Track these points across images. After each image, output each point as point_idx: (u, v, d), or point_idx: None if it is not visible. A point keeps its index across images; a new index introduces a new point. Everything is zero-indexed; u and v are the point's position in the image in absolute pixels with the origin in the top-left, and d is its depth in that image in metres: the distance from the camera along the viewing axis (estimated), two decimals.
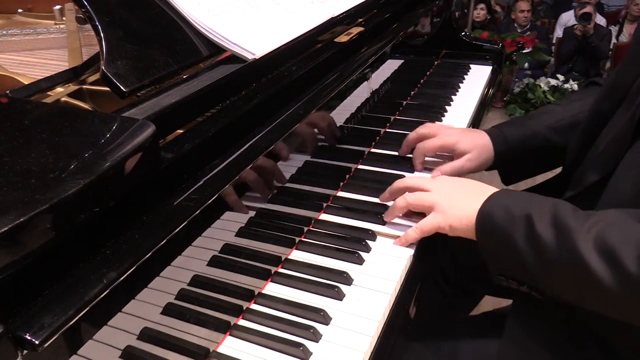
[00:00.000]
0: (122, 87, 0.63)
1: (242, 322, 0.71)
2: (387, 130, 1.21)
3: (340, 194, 0.97)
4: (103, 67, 0.63)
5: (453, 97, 1.39)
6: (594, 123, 0.87)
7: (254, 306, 0.73)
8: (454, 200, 0.80)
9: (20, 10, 1.22)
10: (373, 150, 1.12)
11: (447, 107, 1.33)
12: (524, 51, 4.39)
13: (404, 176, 1.01)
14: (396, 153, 1.09)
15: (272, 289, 0.76)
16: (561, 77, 4.51)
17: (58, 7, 1.18)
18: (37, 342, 0.41)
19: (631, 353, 0.75)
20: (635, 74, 0.81)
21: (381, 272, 0.79)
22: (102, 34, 0.66)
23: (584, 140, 0.89)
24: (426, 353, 0.91)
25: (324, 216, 0.91)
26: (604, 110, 0.85)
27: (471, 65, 1.60)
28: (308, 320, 0.70)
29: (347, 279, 0.76)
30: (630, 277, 0.60)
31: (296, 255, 0.82)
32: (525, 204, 0.72)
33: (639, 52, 0.84)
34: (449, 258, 1.15)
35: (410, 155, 1.06)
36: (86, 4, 0.67)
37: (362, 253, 0.81)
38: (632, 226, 0.64)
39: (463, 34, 1.69)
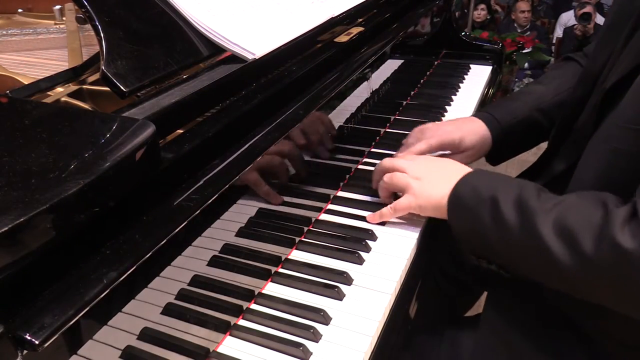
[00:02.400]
0: (122, 87, 0.63)
1: (242, 322, 0.71)
2: (387, 130, 1.21)
3: (340, 194, 0.97)
4: (103, 67, 0.63)
5: (453, 97, 1.39)
6: (570, 111, 0.87)
7: (254, 306, 0.73)
8: (426, 182, 0.83)
9: (20, 10, 1.22)
10: (373, 150, 1.12)
11: (447, 107, 1.33)
12: (524, 51, 4.39)
13: None
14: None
15: (272, 289, 0.76)
16: None
17: (58, 7, 1.18)
18: (37, 342, 0.41)
19: (603, 336, 0.76)
20: (603, 61, 0.80)
21: (381, 272, 0.78)
22: (102, 34, 0.65)
23: (561, 127, 0.89)
24: (426, 353, 0.91)
25: (324, 216, 0.91)
26: (579, 98, 0.85)
27: (471, 65, 1.60)
28: (308, 320, 0.70)
29: (347, 279, 0.76)
30: (585, 257, 0.62)
31: (296, 255, 0.82)
32: (493, 185, 0.74)
33: (607, 38, 0.83)
34: (448, 256, 1.15)
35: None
36: (86, 4, 0.67)
37: (362, 253, 0.81)
38: (590, 209, 0.64)
39: (463, 34, 1.69)
